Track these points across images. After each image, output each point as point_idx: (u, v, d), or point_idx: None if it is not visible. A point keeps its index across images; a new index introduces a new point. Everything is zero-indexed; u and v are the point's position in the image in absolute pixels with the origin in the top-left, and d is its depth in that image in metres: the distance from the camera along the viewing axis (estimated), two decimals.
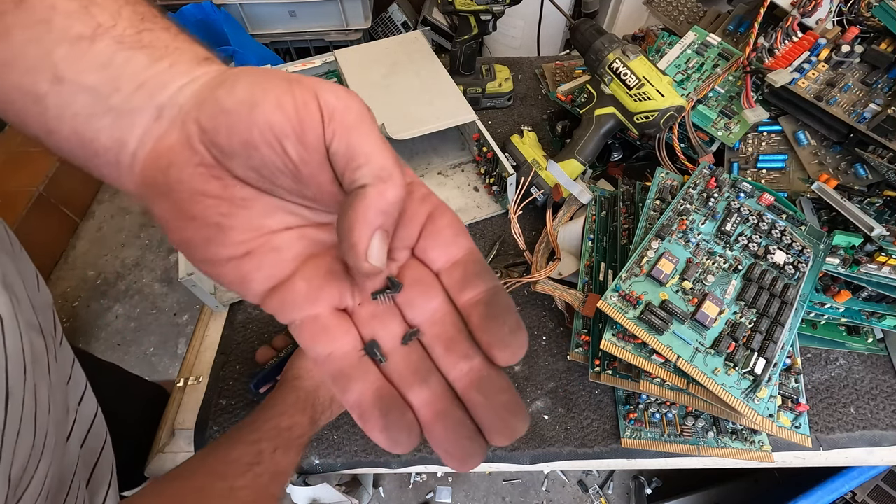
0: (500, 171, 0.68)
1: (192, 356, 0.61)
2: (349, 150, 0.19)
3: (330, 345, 0.21)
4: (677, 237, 0.52)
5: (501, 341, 0.19)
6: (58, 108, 0.21)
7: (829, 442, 0.53)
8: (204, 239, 0.20)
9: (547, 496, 1.28)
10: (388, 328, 0.22)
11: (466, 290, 0.21)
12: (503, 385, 0.20)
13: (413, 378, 0.21)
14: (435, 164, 0.78)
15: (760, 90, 0.62)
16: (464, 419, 0.20)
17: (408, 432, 0.20)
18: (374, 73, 0.75)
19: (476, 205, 0.73)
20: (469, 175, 0.77)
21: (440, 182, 0.76)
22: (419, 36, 0.82)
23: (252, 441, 0.36)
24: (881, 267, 0.47)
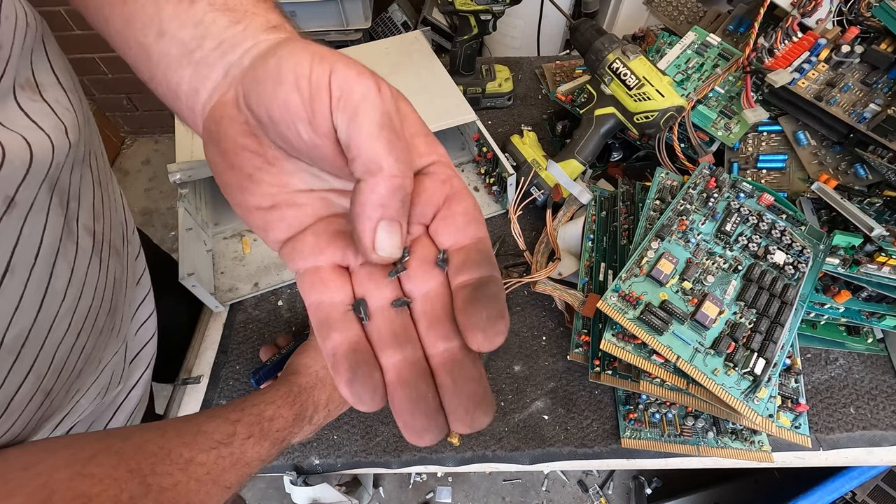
0: (500, 172, 0.68)
1: (192, 356, 0.61)
2: (347, 139, 0.20)
3: (322, 294, 0.22)
4: (677, 237, 0.52)
5: (477, 325, 0.19)
6: (158, 56, 0.25)
7: (829, 442, 0.53)
8: (239, 186, 0.23)
9: (547, 496, 1.28)
10: (381, 291, 0.22)
11: (461, 275, 0.21)
12: (474, 374, 0.20)
13: (390, 341, 0.21)
14: None
15: (760, 90, 0.62)
16: (427, 394, 0.20)
17: (372, 391, 0.20)
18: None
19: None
20: (469, 175, 0.77)
21: None
22: (419, 36, 0.81)
23: (231, 420, 0.35)
24: (881, 267, 0.47)
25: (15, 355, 0.29)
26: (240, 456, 0.33)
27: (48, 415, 0.34)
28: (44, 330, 0.31)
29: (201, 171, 0.61)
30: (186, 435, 0.32)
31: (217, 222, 0.72)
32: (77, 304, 0.33)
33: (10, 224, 0.27)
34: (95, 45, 1.69)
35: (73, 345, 0.34)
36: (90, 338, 0.36)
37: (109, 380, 0.43)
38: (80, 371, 0.37)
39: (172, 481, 0.29)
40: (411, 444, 0.21)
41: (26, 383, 0.30)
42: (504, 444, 0.54)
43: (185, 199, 0.63)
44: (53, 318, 0.31)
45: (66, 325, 0.33)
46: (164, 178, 1.83)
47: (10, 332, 0.28)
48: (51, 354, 0.32)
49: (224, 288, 0.65)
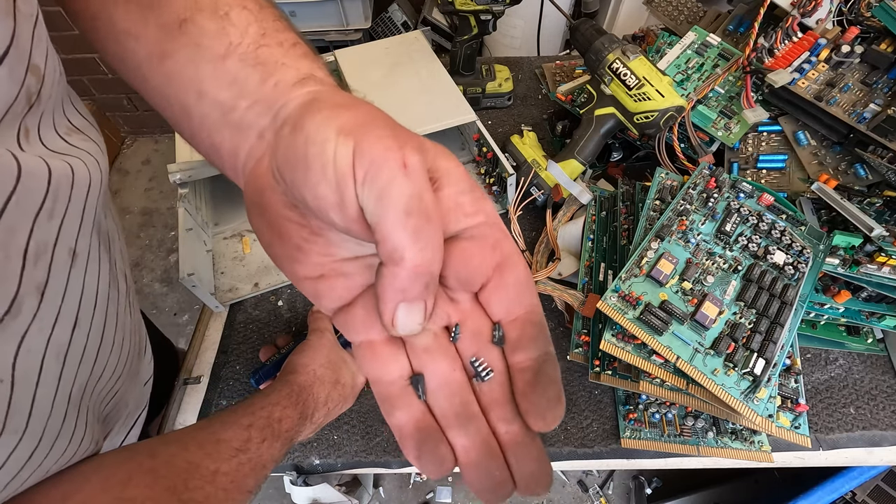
0: (500, 172, 0.68)
1: (192, 356, 0.61)
2: (373, 222, 0.18)
3: (379, 370, 0.22)
4: (677, 237, 0.52)
5: (538, 412, 0.20)
6: (199, 118, 0.25)
7: (829, 442, 0.53)
8: (288, 257, 0.23)
9: (547, 496, 1.28)
10: (437, 363, 0.22)
11: (518, 352, 0.22)
12: (534, 454, 0.21)
13: (454, 421, 0.21)
14: None
15: (760, 90, 0.62)
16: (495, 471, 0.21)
17: (439, 465, 0.21)
18: (374, 73, 0.75)
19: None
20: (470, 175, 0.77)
21: None
22: (419, 36, 0.81)
23: (244, 426, 0.35)
24: (881, 267, 0.47)
25: (77, 408, 0.29)
26: (257, 460, 0.34)
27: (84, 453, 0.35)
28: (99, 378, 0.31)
29: (201, 171, 0.61)
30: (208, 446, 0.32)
31: (217, 222, 0.72)
32: (121, 349, 0.35)
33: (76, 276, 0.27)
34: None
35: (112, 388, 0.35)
36: (125, 383, 0.38)
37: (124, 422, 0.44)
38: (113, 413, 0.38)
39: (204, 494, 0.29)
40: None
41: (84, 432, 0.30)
42: None
43: (185, 200, 0.63)
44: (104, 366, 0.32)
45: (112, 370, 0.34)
46: (164, 178, 1.83)
47: (76, 385, 0.28)
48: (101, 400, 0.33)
49: (224, 288, 0.65)
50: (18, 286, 0.23)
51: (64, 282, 0.26)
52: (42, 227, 0.24)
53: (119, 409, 0.40)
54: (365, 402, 0.56)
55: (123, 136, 2.09)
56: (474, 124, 0.69)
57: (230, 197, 0.74)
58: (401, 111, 0.68)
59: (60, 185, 0.25)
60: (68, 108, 0.31)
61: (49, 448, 0.26)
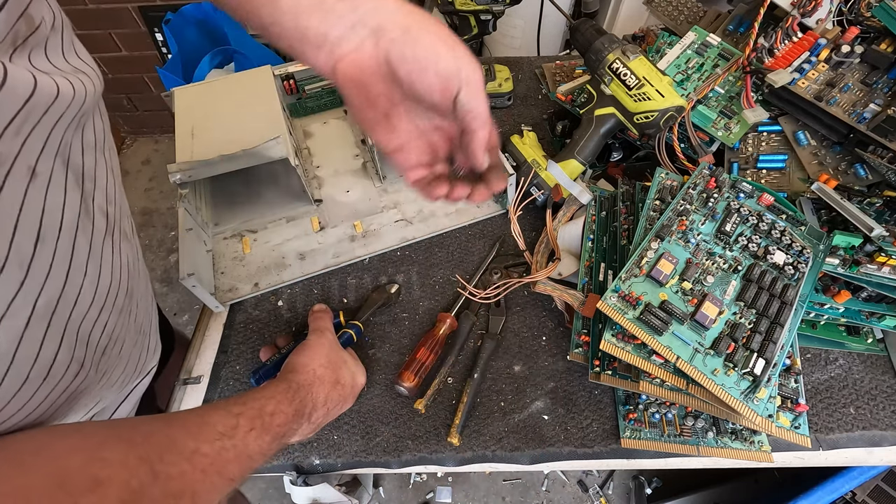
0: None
1: (193, 356, 0.61)
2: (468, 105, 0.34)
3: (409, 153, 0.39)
4: (677, 237, 0.52)
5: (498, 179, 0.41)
6: (288, 5, 0.32)
7: (829, 442, 0.53)
8: (374, 122, 0.36)
9: (547, 496, 1.28)
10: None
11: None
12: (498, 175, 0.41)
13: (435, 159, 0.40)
14: None
15: (760, 90, 0.62)
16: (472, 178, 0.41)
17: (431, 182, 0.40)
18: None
19: (476, 204, 0.73)
20: None
21: None
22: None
23: (233, 413, 0.36)
24: (881, 267, 0.47)
25: (47, 322, 0.31)
26: (242, 448, 0.34)
27: (82, 389, 0.37)
28: (70, 300, 0.33)
29: (201, 171, 0.61)
30: (191, 426, 0.33)
31: (217, 222, 0.72)
32: (98, 280, 0.36)
33: (35, 195, 0.29)
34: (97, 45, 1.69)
35: (97, 319, 0.37)
36: (111, 316, 0.39)
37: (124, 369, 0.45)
38: (105, 348, 0.40)
39: (179, 470, 0.29)
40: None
41: (61, 351, 0.33)
42: (504, 444, 0.54)
43: (185, 200, 0.63)
44: (78, 290, 0.34)
45: (90, 298, 0.36)
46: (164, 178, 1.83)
47: (41, 300, 0.30)
48: (77, 323, 0.34)
49: (224, 288, 0.65)
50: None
51: (21, 195, 0.28)
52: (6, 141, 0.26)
53: (115, 348, 0.41)
54: (365, 402, 0.56)
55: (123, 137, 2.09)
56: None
57: (230, 197, 0.74)
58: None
59: (37, 103, 0.27)
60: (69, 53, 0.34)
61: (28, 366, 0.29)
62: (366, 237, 0.70)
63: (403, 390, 0.55)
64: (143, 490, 0.27)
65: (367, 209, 0.73)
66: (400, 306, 0.63)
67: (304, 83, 0.82)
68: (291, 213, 0.72)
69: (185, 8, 1.40)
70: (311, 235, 0.70)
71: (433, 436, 0.54)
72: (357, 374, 0.51)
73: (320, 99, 0.84)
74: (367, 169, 0.78)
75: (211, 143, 0.65)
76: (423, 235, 0.70)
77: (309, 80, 0.83)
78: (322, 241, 0.69)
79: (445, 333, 0.59)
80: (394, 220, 0.71)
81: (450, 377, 0.58)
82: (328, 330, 0.52)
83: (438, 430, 0.54)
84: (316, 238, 0.70)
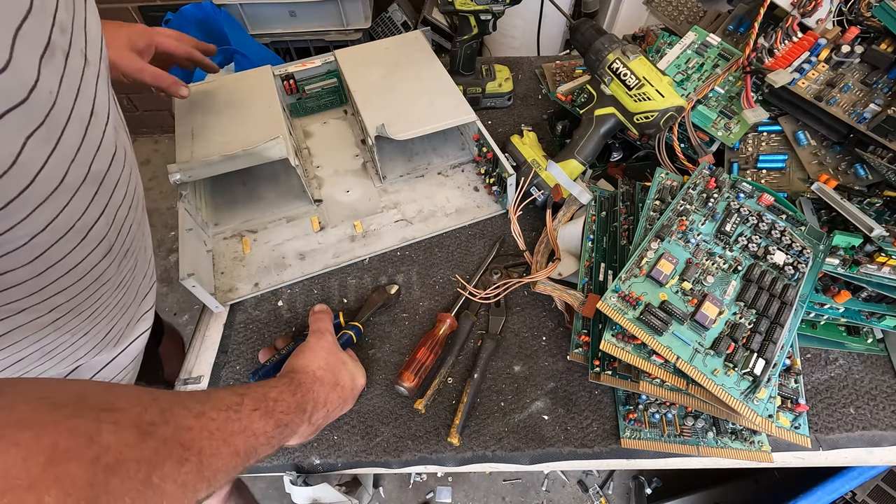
0: (500, 172, 0.68)
1: (192, 356, 0.61)
2: None
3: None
4: (677, 238, 0.52)
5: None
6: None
7: (829, 442, 0.53)
8: None
9: (547, 496, 1.28)
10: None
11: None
12: None
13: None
14: (435, 164, 0.77)
15: (760, 90, 0.62)
16: None
17: None
18: (374, 73, 0.75)
19: (476, 205, 0.72)
20: (469, 175, 0.76)
21: (440, 182, 0.75)
22: (419, 36, 0.81)
23: (238, 393, 0.37)
24: (881, 267, 0.47)
25: (96, 187, 0.36)
26: (248, 424, 0.35)
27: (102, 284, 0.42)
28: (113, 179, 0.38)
29: (201, 171, 0.61)
30: (198, 395, 0.34)
31: (217, 222, 0.71)
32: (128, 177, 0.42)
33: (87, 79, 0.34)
34: None
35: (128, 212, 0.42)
36: (136, 217, 0.44)
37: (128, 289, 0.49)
38: (128, 250, 0.45)
39: (187, 423, 0.31)
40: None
41: (101, 220, 0.38)
42: (504, 444, 0.54)
43: (185, 200, 0.63)
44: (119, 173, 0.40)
45: (125, 189, 0.41)
46: (164, 178, 1.83)
47: (94, 167, 0.35)
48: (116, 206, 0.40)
49: (224, 288, 0.65)
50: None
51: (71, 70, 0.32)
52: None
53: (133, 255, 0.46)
54: (365, 402, 0.56)
55: None
56: (474, 124, 0.69)
57: (230, 197, 0.74)
58: (401, 111, 0.69)
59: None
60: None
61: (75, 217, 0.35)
62: (366, 237, 0.69)
63: (403, 390, 0.55)
64: (155, 427, 0.28)
65: (367, 209, 0.72)
66: (400, 306, 0.63)
67: (304, 83, 0.82)
68: (291, 212, 0.72)
69: (185, 8, 1.40)
70: (311, 235, 0.70)
71: (433, 436, 0.54)
72: (357, 376, 0.51)
73: (320, 99, 0.84)
74: (367, 169, 0.77)
75: (211, 143, 0.65)
76: (424, 235, 0.69)
77: (309, 79, 0.82)
78: (322, 242, 0.69)
79: (445, 333, 0.59)
80: (394, 221, 0.71)
81: (450, 377, 0.58)
82: (328, 331, 0.53)
83: (438, 430, 0.54)
84: (316, 238, 0.70)
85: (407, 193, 0.74)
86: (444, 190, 0.75)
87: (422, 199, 0.74)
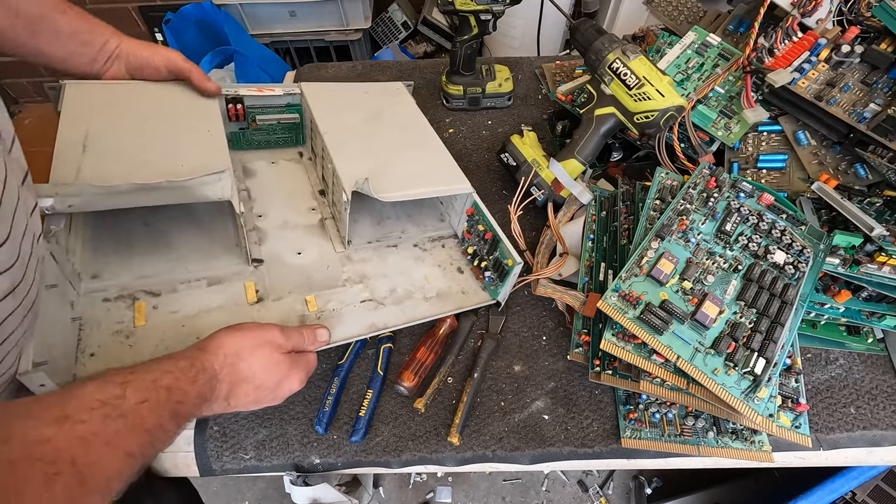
0: (499, 257, 0.57)
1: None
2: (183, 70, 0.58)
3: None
4: (677, 237, 0.52)
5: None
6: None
7: (829, 442, 0.53)
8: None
9: (547, 496, 1.28)
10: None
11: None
12: None
13: None
14: (410, 233, 0.65)
15: (760, 90, 0.62)
16: None
17: None
18: (350, 117, 0.65)
19: (461, 290, 0.60)
20: (451, 252, 0.65)
21: (417, 256, 0.63)
22: (401, 88, 0.75)
23: (117, 383, 0.31)
24: (881, 267, 0.47)
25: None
26: (138, 421, 0.31)
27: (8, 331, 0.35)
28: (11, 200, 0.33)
29: (93, 201, 0.43)
30: (49, 398, 0.29)
31: (96, 274, 0.50)
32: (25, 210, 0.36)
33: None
34: None
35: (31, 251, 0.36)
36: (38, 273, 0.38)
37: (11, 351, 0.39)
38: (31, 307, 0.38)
39: (40, 436, 0.26)
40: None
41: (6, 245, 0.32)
42: (504, 444, 0.53)
43: (52, 239, 0.44)
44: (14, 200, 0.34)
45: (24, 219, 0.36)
46: None
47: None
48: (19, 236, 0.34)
49: None
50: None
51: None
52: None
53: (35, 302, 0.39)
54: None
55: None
56: (470, 197, 0.60)
57: (124, 240, 0.52)
58: (386, 166, 0.58)
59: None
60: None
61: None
62: (321, 318, 0.53)
63: (403, 390, 0.55)
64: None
65: (325, 280, 0.57)
66: None
67: (255, 112, 0.67)
68: (216, 272, 0.54)
69: (185, 8, 1.40)
70: (242, 307, 0.52)
71: (433, 435, 0.54)
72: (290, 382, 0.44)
73: (272, 133, 0.70)
74: (327, 228, 0.62)
75: (114, 162, 0.47)
76: (398, 324, 0.55)
77: (263, 109, 0.67)
78: (259, 318, 0.51)
79: (445, 333, 0.59)
80: (360, 300, 0.56)
81: (450, 377, 0.58)
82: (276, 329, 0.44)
83: (438, 429, 0.54)
84: (251, 312, 0.52)
85: (376, 265, 0.60)
86: (421, 267, 0.62)
87: (395, 275, 0.60)
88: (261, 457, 0.53)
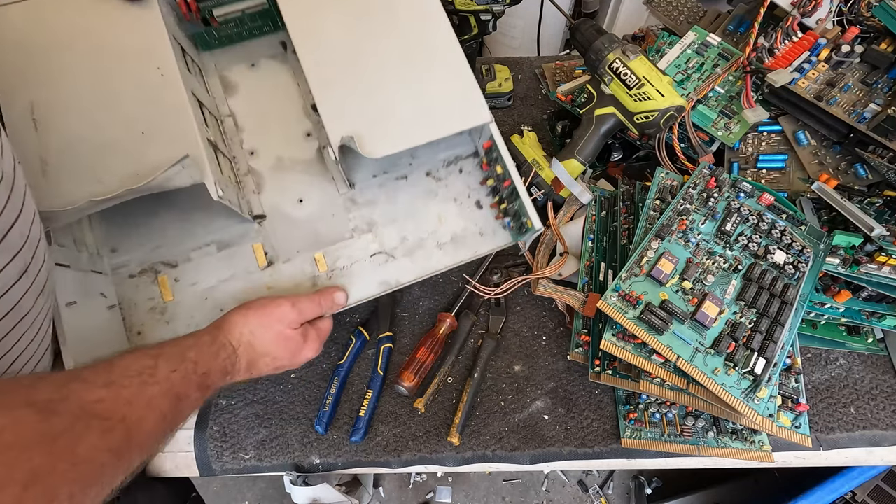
0: (518, 212, 0.52)
1: None
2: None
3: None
4: (677, 237, 0.52)
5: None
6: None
7: (829, 442, 0.53)
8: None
9: (547, 496, 1.28)
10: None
11: None
12: None
13: None
14: (422, 159, 0.56)
15: (760, 90, 0.62)
16: None
17: None
18: (332, 23, 0.50)
19: (479, 230, 0.54)
20: (469, 180, 0.56)
21: (430, 189, 0.55)
22: None
23: (150, 355, 0.34)
24: (881, 267, 0.47)
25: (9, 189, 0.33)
26: (169, 387, 0.34)
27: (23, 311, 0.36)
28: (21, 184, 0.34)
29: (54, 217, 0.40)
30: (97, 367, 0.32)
31: (114, 247, 0.50)
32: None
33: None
34: None
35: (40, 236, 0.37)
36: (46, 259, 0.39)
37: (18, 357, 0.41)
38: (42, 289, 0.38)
39: (95, 396, 0.29)
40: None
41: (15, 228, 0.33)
42: (504, 444, 0.53)
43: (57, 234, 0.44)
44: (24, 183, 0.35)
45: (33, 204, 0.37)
46: None
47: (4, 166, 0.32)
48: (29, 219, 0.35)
49: None
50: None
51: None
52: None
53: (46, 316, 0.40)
54: None
55: None
56: (487, 128, 0.53)
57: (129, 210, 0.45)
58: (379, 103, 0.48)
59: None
60: None
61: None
62: (333, 279, 0.51)
63: (403, 390, 0.55)
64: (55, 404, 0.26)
65: (332, 232, 0.53)
66: (400, 306, 0.63)
67: (210, 5, 0.53)
68: (223, 234, 0.51)
69: None
70: (255, 274, 0.51)
71: (433, 435, 0.54)
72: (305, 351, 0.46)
73: (242, 25, 0.56)
74: (326, 159, 0.54)
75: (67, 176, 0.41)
76: (410, 279, 0.51)
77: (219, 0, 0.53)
78: (273, 286, 0.50)
79: (445, 333, 0.59)
80: (370, 254, 0.52)
81: (450, 377, 0.58)
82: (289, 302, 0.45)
83: (438, 429, 0.54)
84: (264, 278, 0.50)
85: (384, 207, 0.54)
86: (434, 203, 0.55)
87: (404, 219, 0.54)
88: (261, 457, 0.53)
